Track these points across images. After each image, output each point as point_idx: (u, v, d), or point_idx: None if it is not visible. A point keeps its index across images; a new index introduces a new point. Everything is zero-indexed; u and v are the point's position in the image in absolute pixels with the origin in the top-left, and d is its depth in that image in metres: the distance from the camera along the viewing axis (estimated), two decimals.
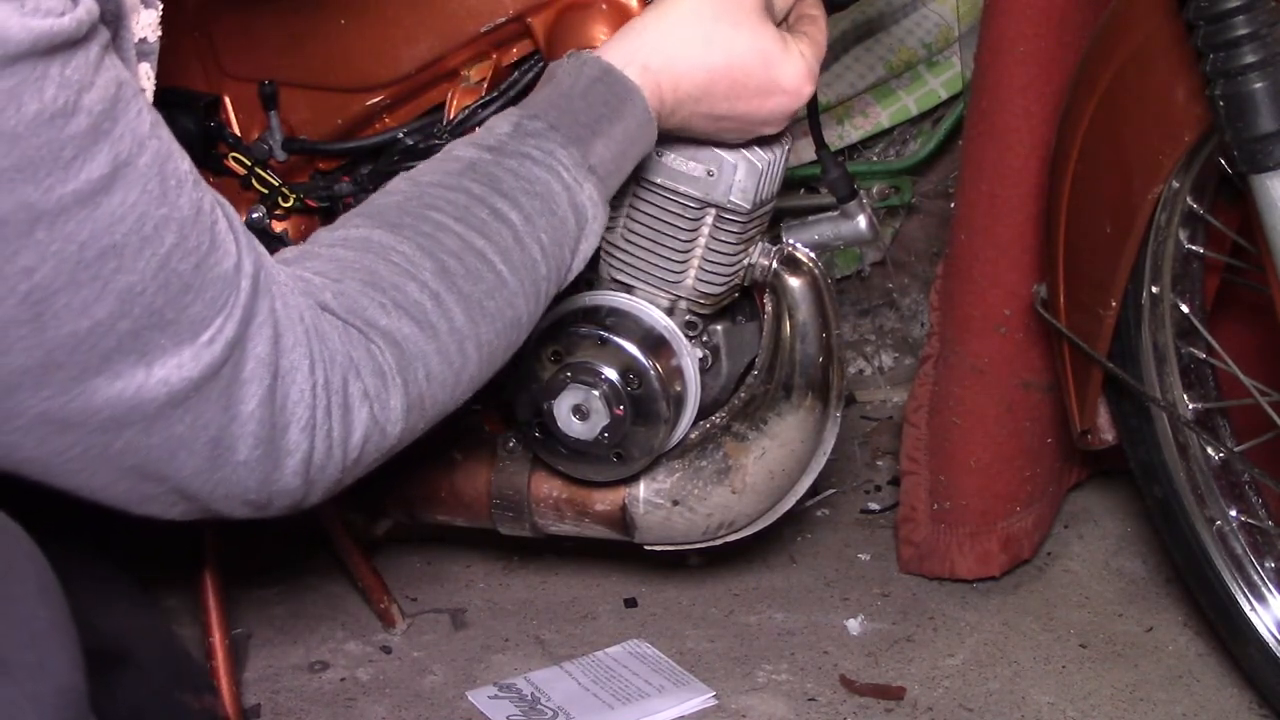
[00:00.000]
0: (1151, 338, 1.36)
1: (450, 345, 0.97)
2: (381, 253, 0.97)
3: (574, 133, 1.06)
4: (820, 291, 1.35)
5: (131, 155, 0.77)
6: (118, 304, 0.77)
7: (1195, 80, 1.17)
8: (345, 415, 0.91)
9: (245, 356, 0.85)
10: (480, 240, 1.00)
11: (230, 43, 1.38)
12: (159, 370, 0.81)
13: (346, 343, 0.92)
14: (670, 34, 1.11)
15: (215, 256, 0.83)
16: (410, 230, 0.99)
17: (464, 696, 1.47)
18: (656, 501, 1.40)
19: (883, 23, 2.09)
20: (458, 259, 0.98)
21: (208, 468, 0.87)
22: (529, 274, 1.02)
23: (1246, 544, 1.38)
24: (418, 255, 0.98)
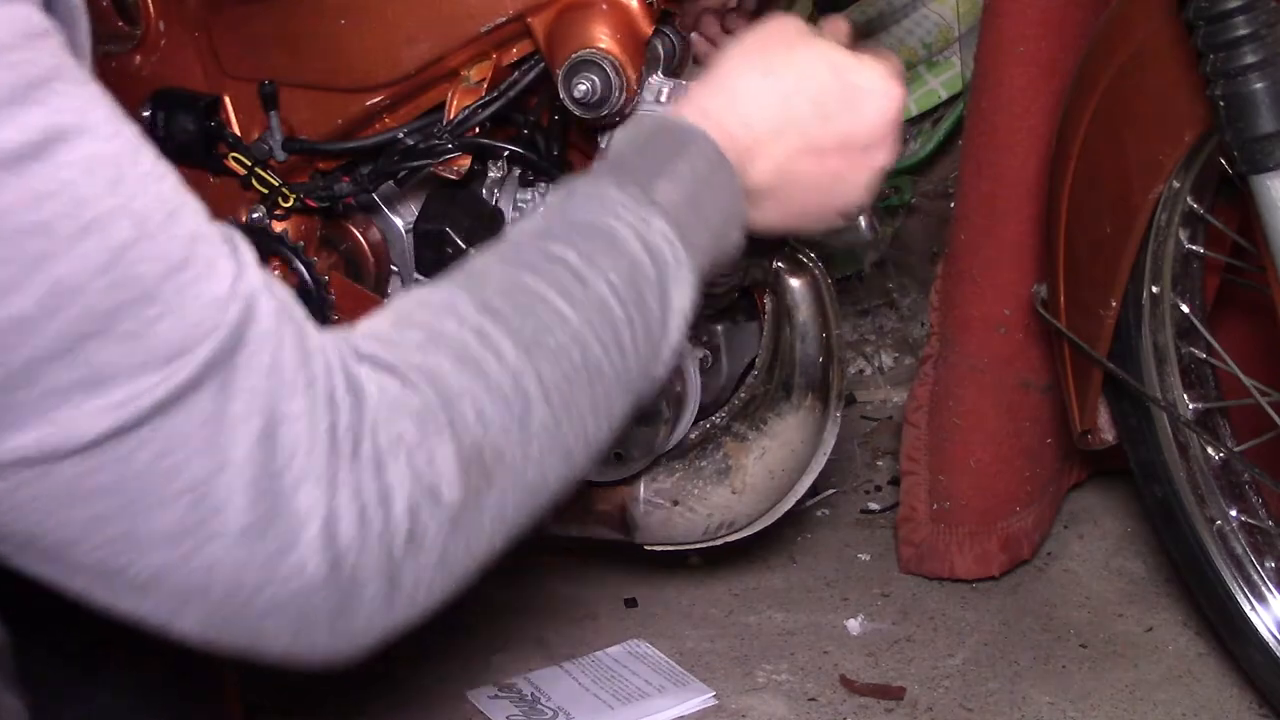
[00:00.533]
0: (1152, 338, 1.36)
1: (503, 382, 0.80)
2: (419, 295, 0.84)
3: (630, 177, 0.92)
4: (820, 291, 1.35)
5: (70, 132, 0.68)
6: (48, 296, 0.65)
7: (1195, 80, 1.17)
8: (377, 469, 0.74)
9: (232, 388, 0.70)
10: (530, 277, 0.85)
11: (230, 43, 1.38)
12: (114, 391, 0.67)
13: (366, 383, 0.77)
14: (724, 80, 1.00)
15: (195, 272, 0.70)
16: (449, 281, 0.86)
17: (464, 696, 1.47)
18: (657, 501, 1.40)
19: (883, 23, 2.09)
20: (504, 295, 0.84)
21: (187, 532, 0.70)
22: (598, 314, 0.85)
23: (1246, 544, 1.38)
24: (459, 294, 0.83)
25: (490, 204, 1.37)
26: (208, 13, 1.38)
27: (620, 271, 0.87)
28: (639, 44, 1.26)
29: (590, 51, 1.24)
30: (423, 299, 0.84)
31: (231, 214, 1.39)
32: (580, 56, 1.25)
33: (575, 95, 1.25)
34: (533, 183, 1.38)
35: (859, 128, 1.00)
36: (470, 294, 0.84)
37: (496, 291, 0.84)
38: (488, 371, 0.80)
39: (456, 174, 1.33)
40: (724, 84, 0.99)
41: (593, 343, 0.85)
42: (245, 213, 1.38)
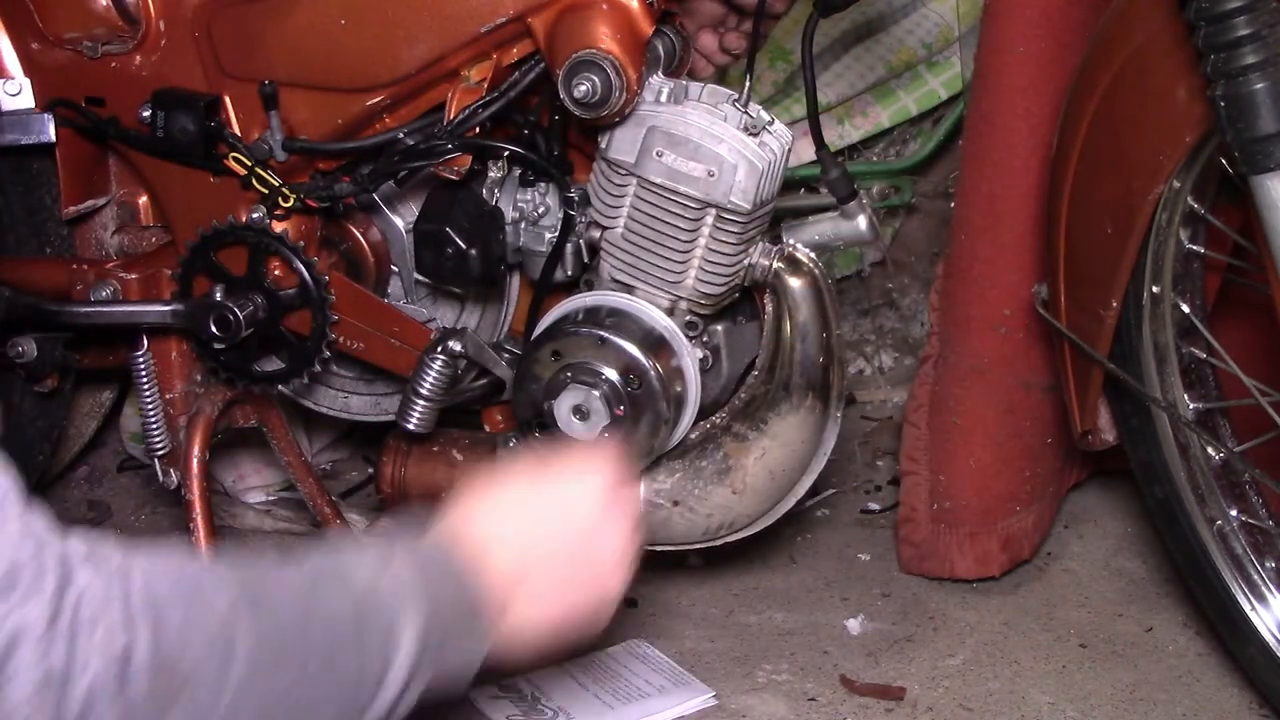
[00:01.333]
0: (1152, 338, 1.36)
1: (212, 625, 0.80)
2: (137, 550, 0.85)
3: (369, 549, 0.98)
4: (820, 291, 1.35)
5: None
6: None
7: (1196, 81, 1.17)
8: (71, 638, 0.74)
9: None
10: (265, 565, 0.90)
11: (230, 43, 1.38)
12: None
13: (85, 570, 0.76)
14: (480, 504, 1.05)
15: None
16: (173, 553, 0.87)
17: (464, 696, 1.47)
18: (657, 502, 1.40)
19: (883, 23, 2.09)
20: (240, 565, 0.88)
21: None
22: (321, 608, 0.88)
23: (1247, 544, 1.38)
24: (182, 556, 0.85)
25: (490, 204, 1.37)
26: (208, 13, 1.38)
27: (352, 594, 0.89)
28: (639, 44, 1.26)
29: (591, 52, 1.24)
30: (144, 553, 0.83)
31: (231, 214, 1.39)
32: (581, 57, 1.25)
33: (575, 95, 1.25)
34: (533, 183, 1.38)
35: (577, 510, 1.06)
36: (195, 561, 0.86)
37: (223, 571, 0.85)
38: (205, 598, 0.81)
39: (456, 174, 1.33)
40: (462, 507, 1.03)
41: (313, 628, 0.86)
42: (245, 213, 1.38)
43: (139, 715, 0.76)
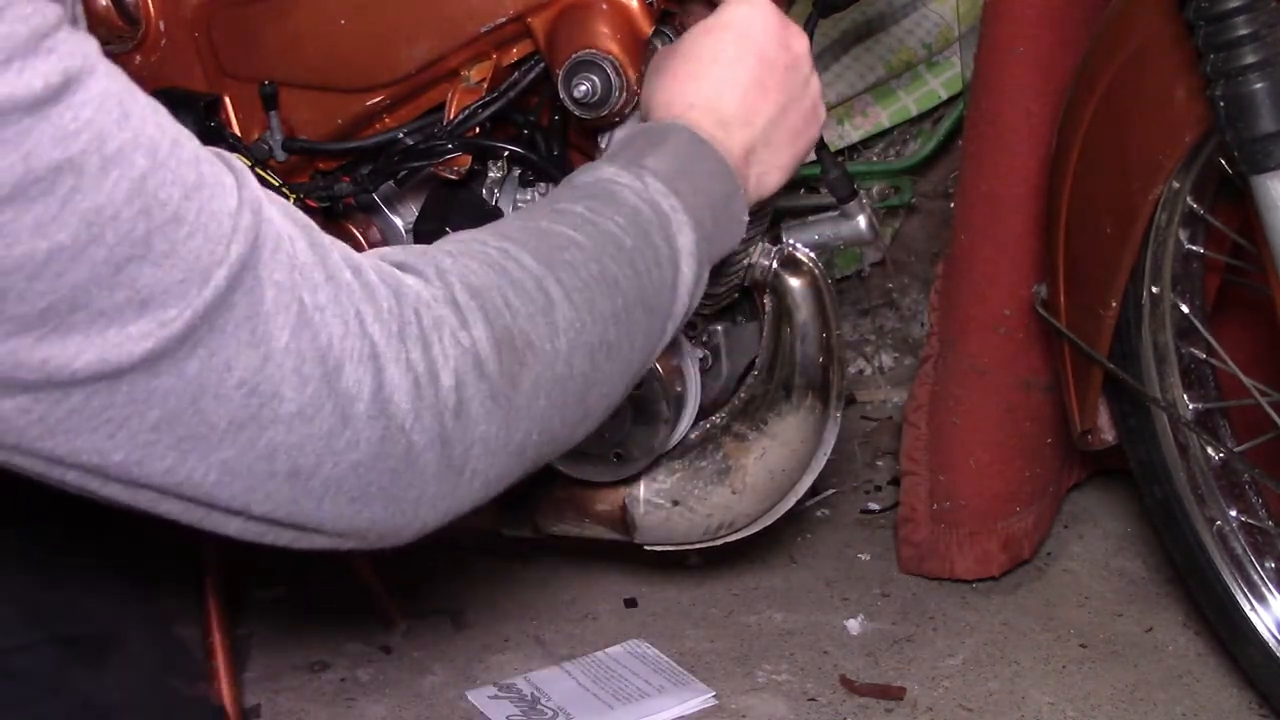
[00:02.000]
0: (1152, 338, 1.36)
1: (525, 282, 0.89)
2: (440, 242, 0.94)
3: (616, 159, 1.04)
4: (820, 291, 1.34)
5: (83, 74, 0.72)
6: (84, 227, 0.70)
7: (1195, 80, 1.17)
8: (424, 344, 0.82)
9: (262, 284, 0.76)
10: (544, 221, 0.95)
11: (230, 43, 1.38)
12: (157, 310, 0.73)
13: (403, 277, 0.84)
14: (663, 81, 1.13)
15: (208, 191, 0.76)
16: (468, 231, 0.96)
17: (464, 696, 1.47)
18: (657, 502, 1.40)
19: (883, 23, 2.09)
20: (520, 231, 0.94)
21: (250, 420, 0.76)
22: (610, 242, 0.95)
23: (1246, 544, 1.38)
24: (476, 231, 0.94)
25: (490, 204, 1.37)
26: (208, 13, 1.39)
27: (625, 215, 0.97)
28: (639, 44, 1.26)
29: (590, 52, 1.24)
30: (447, 238, 0.93)
31: None
32: (580, 57, 1.25)
33: (575, 95, 1.25)
34: (533, 183, 1.38)
35: (762, 43, 1.13)
36: (488, 232, 0.93)
37: (513, 230, 0.93)
38: (510, 272, 0.89)
39: (456, 174, 1.33)
40: (656, 100, 1.13)
41: (608, 261, 0.94)
42: None
43: (500, 387, 0.85)
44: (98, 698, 1.06)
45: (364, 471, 0.81)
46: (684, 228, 1.00)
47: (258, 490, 0.79)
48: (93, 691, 1.06)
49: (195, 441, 0.76)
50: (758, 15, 1.15)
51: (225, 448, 0.77)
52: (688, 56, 1.13)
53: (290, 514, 0.81)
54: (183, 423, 0.75)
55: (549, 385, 0.89)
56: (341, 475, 0.80)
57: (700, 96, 1.10)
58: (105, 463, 0.76)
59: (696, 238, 1.01)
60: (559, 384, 0.90)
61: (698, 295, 1.03)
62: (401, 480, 0.82)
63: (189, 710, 1.16)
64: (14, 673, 1.02)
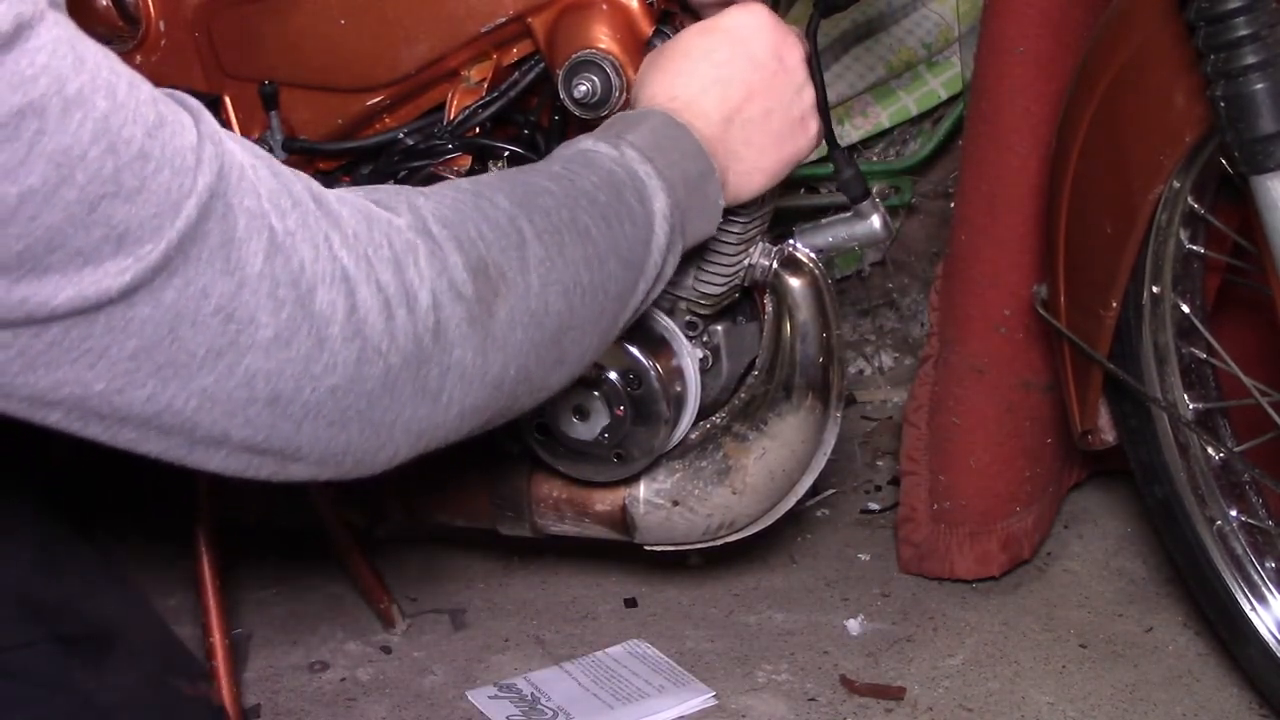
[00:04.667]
0: (1152, 338, 1.36)
1: (499, 218, 0.92)
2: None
3: (595, 135, 1.07)
4: (820, 291, 1.34)
5: (34, 20, 0.72)
6: (52, 168, 0.71)
7: (1196, 81, 1.17)
8: (396, 266, 0.83)
9: (232, 211, 0.77)
10: (521, 175, 0.99)
11: (230, 43, 1.38)
12: (133, 245, 0.74)
13: (376, 208, 0.86)
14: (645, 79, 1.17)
15: (169, 129, 0.77)
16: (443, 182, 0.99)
17: (464, 696, 1.47)
18: (657, 502, 1.40)
19: (883, 23, 2.09)
20: (497, 179, 0.97)
21: (228, 347, 0.78)
22: (583, 196, 0.98)
23: (1246, 544, 1.38)
24: (454, 180, 0.97)
25: None
26: (208, 13, 1.38)
27: (599, 176, 1.00)
28: (639, 44, 1.26)
29: (590, 52, 1.24)
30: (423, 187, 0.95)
31: None
32: (580, 57, 1.25)
33: (575, 95, 1.25)
34: None
35: (754, 48, 1.16)
36: (467, 180, 0.96)
37: (488, 178, 0.97)
38: (484, 209, 0.91)
39: (457, 174, 1.33)
40: (643, 91, 1.16)
41: (580, 211, 0.97)
42: None
43: (477, 312, 0.87)
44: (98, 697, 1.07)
45: (341, 395, 0.82)
46: (658, 192, 1.04)
47: (237, 416, 0.80)
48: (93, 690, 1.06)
49: (175, 369, 0.77)
50: (755, 22, 1.18)
51: (204, 375, 0.78)
52: (679, 53, 1.17)
53: (269, 439, 0.82)
54: (161, 350, 0.77)
55: (524, 318, 0.91)
56: (320, 399, 0.81)
57: (684, 90, 1.14)
58: (86, 394, 0.77)
59: (670, 203, 1.04)
60: (534, 319, 0.92)
61: (671, 262, 1.06)
62: (379, 403, 0.83)
63: (189, 709, 1.17)
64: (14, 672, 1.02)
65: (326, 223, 0.82)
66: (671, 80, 1.15)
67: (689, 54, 1.16)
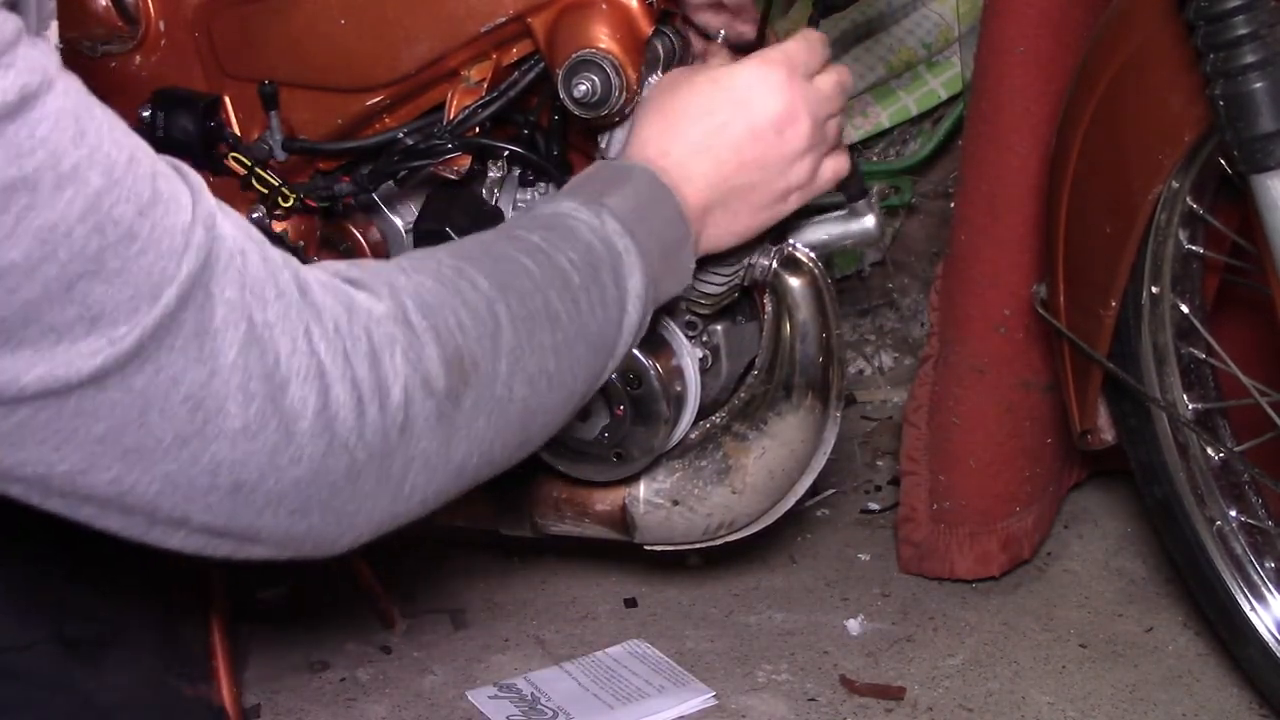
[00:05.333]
0: (1151, 338, 1.36)
1: (477, 303, 0.91)
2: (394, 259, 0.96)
3: (578, 193, 1.07)
4: (820, 291, 1.34)
5: (40, 91, 0.72)
6: (36, 245, 0.70)
7: (1195, 80, 1.17)
8: (373, 361, 0.83)
9: (212, 301, 0.77)
10: (501, 245, 0.98)
11: (230, 43, 1.38)
12: (107, 327, 0.73)
13: (357, 294, 0.86)
14: (637, 133, 1.17)
15: (162, 207, 0.76)
16: (426, 249, 0.99)
17: (464, 696, 1.47)
18: (656, 501, 1.40)
19: (883, 23, 2.09)
20: (478, 251, 0.96)
21: (195, 435, 0.77)
22: (559, 277, 0.98)
23: (1246, 544, 1.38)
24: (435, 249, 0.96)
25: (490, 204, 1.37)
26: (208, 13, 1.39)
27: (578, 252, 1.00)
28: (639, 44, 1.26)
29: (590, 51, 1.24)
30: (405, 255, 0.96)
31: None
32: (580, 56, 1.25)
33: (575, 95, 1.25)
34: (533, 183, 1.38)
35: (756, 117, 1.15)
36: (447, 249, 0.96)
37: (470, 250, 0.96)
38: (463, 293, 0.91)
39: (456, 174, 1.33)
40: (637, 136, 1.16)
41: (553, 296, 0.96)
42: (245, 212, 1.38)
43: (445, 404, 0.87)
44: (99, 697, 1.07)
45: (305, 486, 0.81)
46: (635, 270, 1.03)
47: (198, 502, 0.79)
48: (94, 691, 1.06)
49: (140, 454, 0.76)
50: (764, 88, 1.16)
51: (169, 460, 0.77)
52: (678, 107, 1.17)
53: (229, 525, 0.81)
54: (128, 435, 0.76)
55: (489, 406, 0.91)
56: (283, 490, 0.81)
57: (676, 148, 1.14)
58: (49, 473, 0.76)
59: (645, 280, 1.04)
60: (499, 406, 0.92)
61: (638, 337, 1.06)
62: (342, 494, 0.83)
63: (189, 710, 1.17)
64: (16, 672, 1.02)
65: (308, 314, 0.81)
66: (666, 135, 1.15)
67: (687, 111, 1.16)
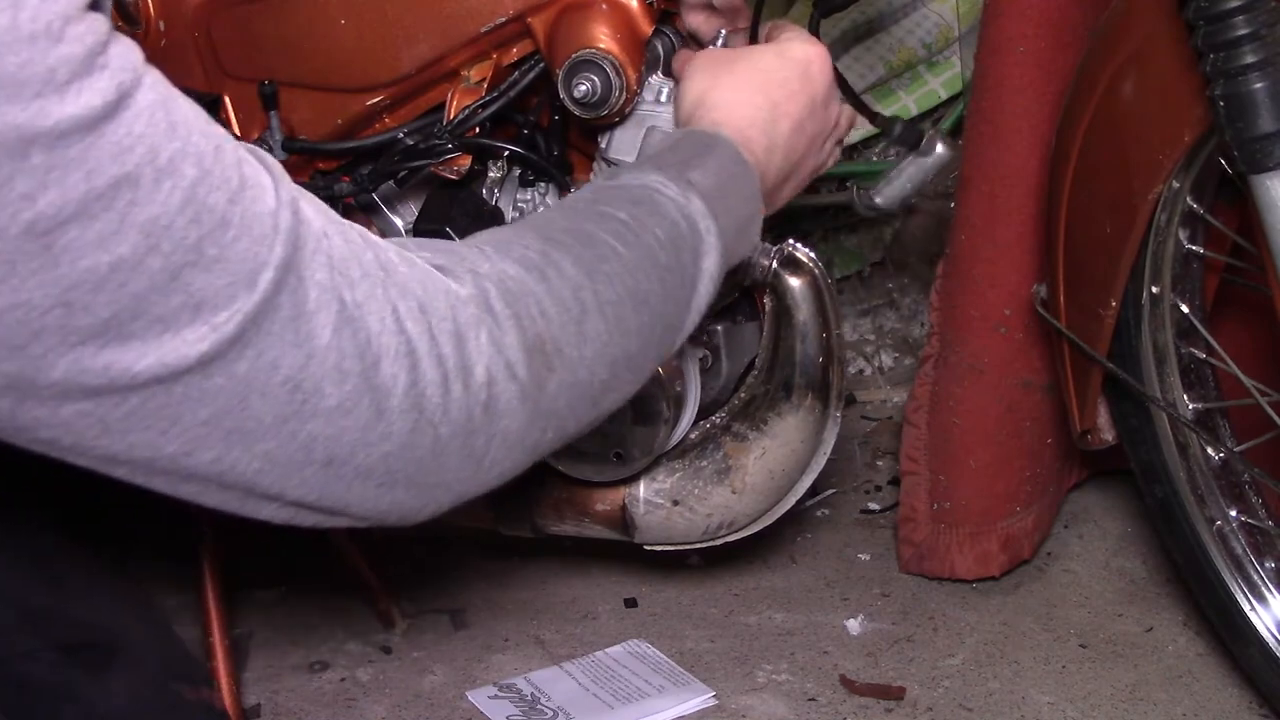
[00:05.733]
0: (1151, 338, 1.36)
1: (563, 290, 0.92)
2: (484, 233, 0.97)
3: (664, 165, 1.07)
4: (820, 291, 1.35)
5: (133, 88, 0.74)
6: (142, 238, 0.73)
7: (1195, 80, 1.17)
8: (457, 341, 0.85)
9: (304, 284, 0.79)
10: (589, 224, 0.98)
11: (230, 43, 1.38)
12: (209, 314, 0.76)
13: (439, 277, 0.87)
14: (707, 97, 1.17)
15: (250, 193, 0.78)
16: (513, 224, 1.00)
17: (464, 696, 1.47)
18: (656, 501, 1.40)
19: (883, 23, 2.09)
20: (565, 233, 0.96)
21: (293, 415, 0.80)
22: (646, 257, 0.99)
23: (1246, 544, 1.38)
24: (523, 230, 0.96)
25: (490, 204, 1.37)
26: (208, 13, 1.39)
27: (664, 229, 1.00)
28: (639, 44, 1.26)
29: (590, 51, 1.24)
30: (490, 233, 0.96)
31: None
32: (580, 56, 1.25)
33: (575, 95, 1.25)
34: (533, 183, 1.38)
35: (816, 89, 1.20)
36: (534, 230, 0.96)
37: (558, 230, 0.96)
38: (549, 279, 0.92)
39: (456, 174, 1.33)
40: (709, 100, 1.17)
41: (641, 277, 0.97)
42: None
43: (530, 389, 0.89)
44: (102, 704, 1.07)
45: (393, 460, 0.84)
46: (711, 251, 1.04)
47: (293, 478, 0.83)
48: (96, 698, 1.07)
49: (242, 434, 0.80)
50: (822, 63, 1.21)
51: (269, 439, 0.80)
52: (758, 70, 1.18)
53: (320, 499, 0.84)
54: (231, 417, 0.79)
55: (570, 389, 0.93)
56: (372, 464, 0.84)
57: (757, 118, 1.16)
58: (156, 455, 0.79)
59: (720, 262, 1.05)
60: (579, 389, 0.94)
61: (703, 316, 1.08)
62: (426, 468, 0.86)
63: (192, 714, 1.17)
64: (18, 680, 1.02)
65: (394, 293, 0.83)
66: (748, 99, 1.16)
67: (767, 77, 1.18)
